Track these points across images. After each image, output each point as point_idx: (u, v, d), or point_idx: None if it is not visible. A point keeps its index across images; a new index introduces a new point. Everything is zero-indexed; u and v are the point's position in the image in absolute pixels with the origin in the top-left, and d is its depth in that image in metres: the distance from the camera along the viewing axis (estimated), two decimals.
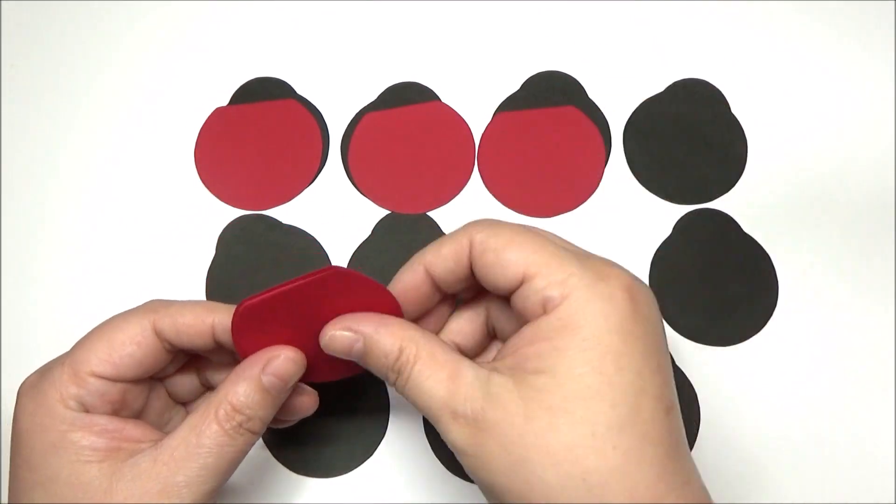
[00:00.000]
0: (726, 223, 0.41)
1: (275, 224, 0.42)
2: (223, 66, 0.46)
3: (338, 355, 0.31)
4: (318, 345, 0.31)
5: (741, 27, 0.45)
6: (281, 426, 0.34)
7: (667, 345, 0.29)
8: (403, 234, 0.42)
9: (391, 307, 0.31)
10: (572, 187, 0.42)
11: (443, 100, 0.44)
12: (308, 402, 0.33)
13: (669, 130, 0.43)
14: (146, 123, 0.45)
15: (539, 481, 0.26)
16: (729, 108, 0.43)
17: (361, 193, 0.43)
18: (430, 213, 0.42)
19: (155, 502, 0.28)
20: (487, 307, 0.33)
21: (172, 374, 0.34)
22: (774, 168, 0.42)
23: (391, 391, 0.39)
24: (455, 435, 0.28)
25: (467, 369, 0.28)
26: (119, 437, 0.30)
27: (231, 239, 0.42)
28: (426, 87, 0.44)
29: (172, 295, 0.41)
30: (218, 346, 0.32)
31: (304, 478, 0.38)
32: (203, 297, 0.41)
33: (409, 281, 0.31)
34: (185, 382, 0.34)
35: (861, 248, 0.40)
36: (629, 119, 0.43)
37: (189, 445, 0.29)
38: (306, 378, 0.33)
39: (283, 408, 0.32)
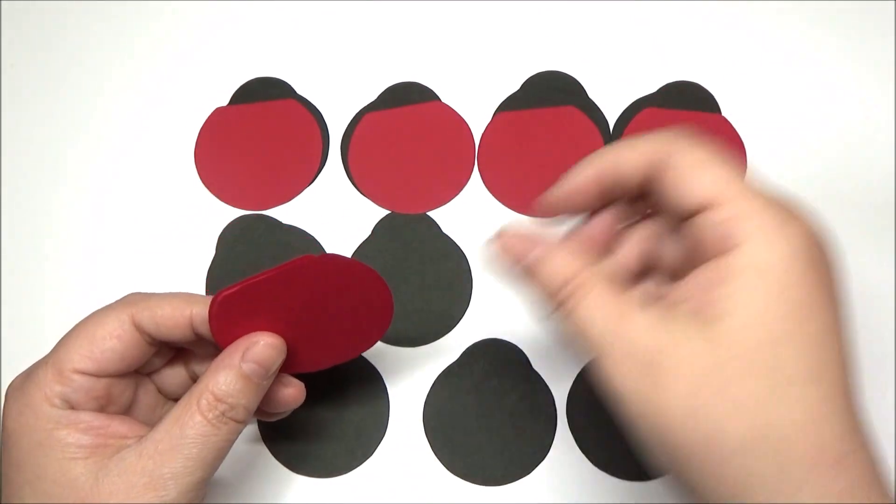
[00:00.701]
0: None
1: (275, 224, 0.43)
2: (223, 66, 0.46)
3: (504, 265, 0.29)
4: (304, 333, 0.31)
5: (742, 28, 0.45)
6: (271, 419, 0.34)
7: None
8: (404, 233, 0.42)
9: (379, 291, 0.32)
10: None
11: (443, 100, 0.44)
12: (294, 393, 0.33)
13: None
14: (146, 123, 0.45)
15: (719, 431, 0.24)
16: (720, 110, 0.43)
17: (361, 193, 0.43)
18: (430, 213, 0.42)
19: (141, 496, 0.28)
20: (650, 234, 0.30)
21: (160, 369, 0.34)
22: (771, 171, 0.42)
23: (391, 391, 0.39)
24: (622, 377, 0.25)
25: (644, 308, 0.26)
26: (105, 433, 0.30)
27: (231, 239, 0.42)
28: (426, 87, 0.44)
29: None
30: (199, 338, 0.32)
31: (305, 478, 0.38)
32: None
33: (581, 180, 0.29)
34: (174, 376, 0.34)
35: (861, 248, 0.41)
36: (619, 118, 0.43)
37: (173, 437, 0.29)
38: (293, 369, 0.33)
39: (270, 400, 0.32)
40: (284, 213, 0.43)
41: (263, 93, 0.45)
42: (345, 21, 0.46)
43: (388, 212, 0.42)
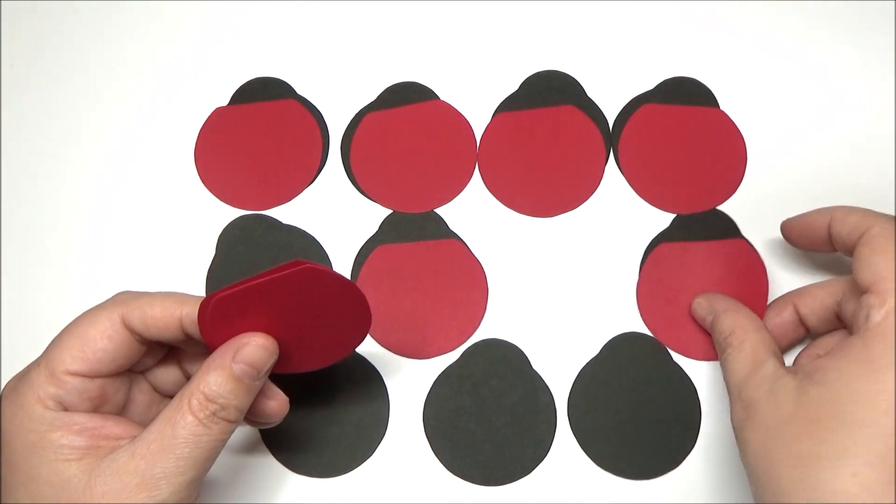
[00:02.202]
0: (725, 223, 0.41)
1: (275, 224, 0.43)
2: (223, 66, 0.46)
3: (697, 320, 0.38)
4: (295, 335, 0.32)
5: (739, 22, 0.45)
6: (256, 426, 0.34)
7: None
8: (410, 230, 0.42)
9: (358, 302, 0.32)
10: (572, 187, 0.42)
11: (442, 100, 0.44)
12: (276, 406, 0.33)
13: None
14: (146, 123, 0.45)
15: (774, 478, 0.28)
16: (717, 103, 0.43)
17: (363, 193, 0.43)
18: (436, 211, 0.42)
19: (133, 496, 0.28)
20: (845, 290, 0.34)
21: (153, 367, 0.34)
22: (771, 164, 0.42)
23: (391, 391, 0.39)
24: (734, 412, 0.31)
25: (769, 365, 0.31)
26: (98, 434, 0.30)
27: (231, 239, 0.42)
28: (426, 87, 0.44)
29: None
30: (190, 338, 0.32)
31: (305, 478, 0.38)
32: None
33: (814, 218, 0.35)
34: (168, 375, 0.34)
35: None
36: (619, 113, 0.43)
37: (164, 437, 0.29)
38: (283, 369, 0.33)
39: (252, 410, 0.32)
40: (284, 213, 0.43)
41: (263, 93, 0.45)
42: (345, 21, 0.46)
43: (389, 211, 0.42)
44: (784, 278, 0.40)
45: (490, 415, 0.39)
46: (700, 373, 0.39)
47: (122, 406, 0.32)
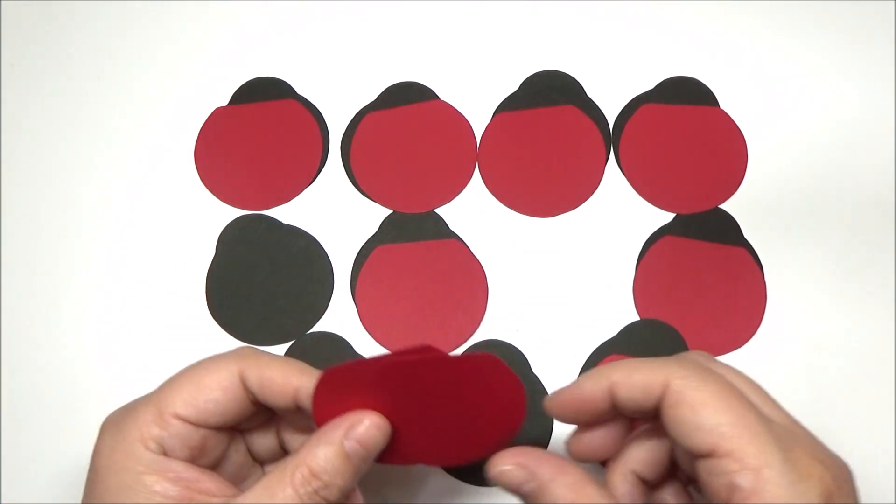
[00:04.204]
0: (728, 224, 0.41)
1: (275, 224, 0.43)
2: (223, 66, 0.46)
3: (504, 489, 0.29)
4: (411, 423, 0.29)
5: (738, 22, 0.45)
6: None
7: None
8: (410, 230, 0.42)
9: (514, 398, 0.29)
10: (572, 187, 0.42)
11: (442, 100, 0.44)
12: None
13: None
14: (146, 123, 0.45)
15: None
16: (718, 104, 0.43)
17: (363, 193, 0.43)
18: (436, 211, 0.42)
19: None
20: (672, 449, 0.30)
21: (253, 429, 0.33)
22: (772, 163, 0.42)
23: None
24: None
25: None
26: (193, 487, 0.29)
27: (231, 239, 0.42)
28: (426, 87, 0.44)
29: (172, 295, 0.41)
30: (299, 409, 0.30)
31: None
32: (203, 297, 0.41)
33: (588, 391, 0.29)
34: (266, 440, 0.33)
35: (861, 249, 0.40)
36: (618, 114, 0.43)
37: None
38: (391, 458, 0.31)
39: None
40: (284, 213, 0.43)
41: (263, 93, 0.45)
42: (345, 21, 0.46)
43: (389, 211, 0.42)
44: (784, 280, 0.40)
45: None
46: None
47: (217, 462, 0.31)
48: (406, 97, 0.44)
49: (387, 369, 0.28)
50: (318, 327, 0.41)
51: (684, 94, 0.43)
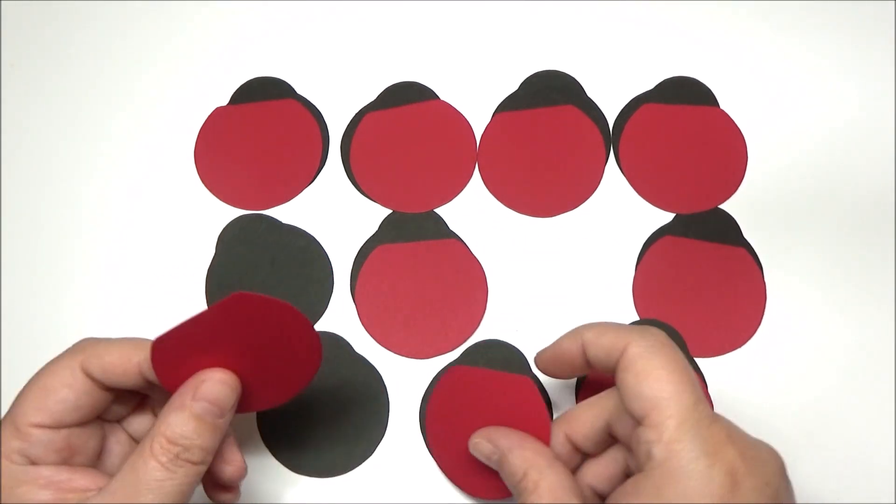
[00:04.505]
0: (728, 224, 0.41)
1: (275, 224, 0.43)
2: (223, 66, 0.46)
3: (481, 459, 0.34)
4: (250, 370, 0.31)
5: (738, 22, 0.45)
6: (217, 501, 0.33)
7: None
8: (410, 230, 0.42)
9: (301, 325, 0.31)
10: (572, 187, 0.42)
11: (442, 100, 0.44)
12: (231, 472, 0.32)
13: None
14: (146, 123, 0.45)
15: None
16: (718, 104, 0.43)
17: (362, 193, 0.43)
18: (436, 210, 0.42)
19: None
20: (614, 409, 0.32)
21: (128, 416, 0.33)
22: (771, 163, 0.42)
23: (391, 391, 0.39)
24: None
25: None
26: (66, 487, 0.29)
27: (231, 239, 0.42)
28: (426, 87, 0.44)
29: (172, 295, 0.41)
30: (154, 384, 0.31)
31: (304, 477, 0.38)
32: (203, 297, 0.41)
33: (565, 348, 0.33)
34: (143, 424, 0.33)
35: (860, 249, 0.40)
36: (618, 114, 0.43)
37: (128, 485, 0.28)
38: (248, 407, 0.32)
39: (210, 474, 0.31)
40: (284, 213, 0.43)
41: (263, 93, 0.45)
42: (345, 21, 0.46)
43: (389, 211, 0.42)
44: (784, 280, 0.40)
45: None
46: (712, 370, 0.39)
47: (96, 457, 0.32)
48: (406, 97, 0.44)
49: (202, 318, 0.29)
50: (318, 327, 0.41)
51: (684, 94, 0.43)
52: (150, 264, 0.42)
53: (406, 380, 0.39)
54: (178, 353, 0.30)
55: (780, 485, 0.28)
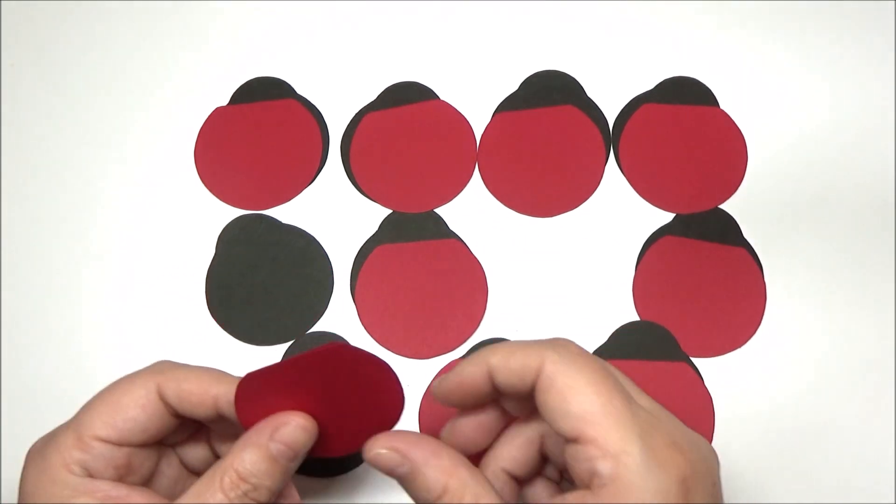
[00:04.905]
0: (728, 224, 0.41)
1: (275, 224, 0.43)
2: (223, 66, 0.46)
3: (381, 471, 0.30)
4: (330, 417, 0.30)
5: (738, 21, 0.45)
6: None
7: None
8: (410, 230, 0.42)
9: (389, 380, 0.31)
10: (572, 187, 0.42)
11: (442, 100, 0.44)
12: None
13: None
14: (146, 123, 0.45)
15: None
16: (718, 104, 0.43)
17: (363, 193, 0.43)
18: (436, 210, 0.42)
19: None
20: (543, 431, 0.31)
21: (184, 442, 0.33)
22: (771, 163, 0.42)
23: None
24: None
25: None
26: (122, 502, 0.29)
27: (231, 239, 0.42)
28: (426, 87, 0.44)
29: (172, 295, 0.41)
30: (222, 418, 0.31)
31: (303, 477, 0.38)
32: (203, 297, 0.41)
33: (468, 375, 0.30)
34: (197, 452, 0.33)
35: (860, 250, 0.40)
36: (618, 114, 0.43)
37: None
38: (325, 452, 0.32)
39: None
40: (284, 213, 0.43)
41: (263, 93, 0.45)
42: (345, 21, 0.46)
43: (389, 211, 0.42)
44: (784, 280, 0.40)
45: None
46: (712, 370, 0.39)
47: (149, 478, 0.31)
48: (406, 97, 0.44)
49: (295, 363, 0.29)
50: (318, 327, 0.41)
51: (684, 94, 0.43)
52: (150, 264, 0.42)
53: (406, 380, 0.39)
54: (261, 392, 0.30)
55: (719, 479, 0.28)
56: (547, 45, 0.45)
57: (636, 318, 0.40)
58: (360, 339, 0.40)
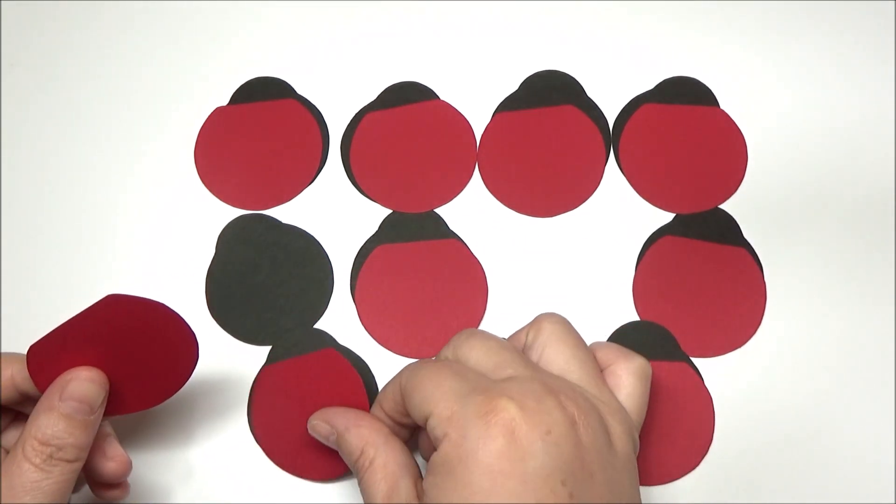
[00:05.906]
0: (728, 224, 0.41)
1: (275, 224, 0.43)
2: (223, 66, 0.46)
3: (320, 441, 0.35)
4: (126, 371, 0.31)
5: (738, 21, 0.45)
6: (104, 499, 0.33)
7: (579, 469, 0.28)
8: (410, 230, 0.42)
9: (176, 324, 0.32)
10: (572, 187, 0.42)
11: (442, 100, 0.44)
12: (114, 467, 0.32)
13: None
14: (146, 123, 0.45)
15: None
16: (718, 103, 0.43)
17: (363, 193, 0.43)
18: (436, 211, 0.42)
19: None
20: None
21: (5, 429, 0.33)
22: (771, 163, 0.42)
23: None
24: None
25: (405, 486, 0.30)
26: None
27: (231, 239, 0.42)
28: (426, 87, 0.44)
29: (172, 295, 0.41)
30: (29, 398, 0.31)
31: (302, 480, 0.38)
32: (203, 297, 0.41)
33: (377, 417, 0.34)
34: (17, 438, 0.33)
35: (860, 249, 0.40)
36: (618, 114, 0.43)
37: (4, 490, 0.28)
38: (121, 410, 0.32)
39: (92, 473, 0.31)
40: (284, 213, 0.43)
41: (263, 93, 0.45)
42: (345, 21, 0.46)
43: (389, 211, 0.42)
44: (784, 280, 0.40)
45: None
46: (712, 370, 0.39)
47: None
48: (406, 97, 0.44)
49: (76, 322, 0.30)
50: (318, 327, 0.41)
51: (684, 94, 0.43)
52: (150, 264, 0.42)
53: None
54: (53, 357, 0.30)
55: (568, 430, 0.29)
56: (547, 45, 0.45)
57: (636, 318, 0.40)
58: (360, 339, 0.40)
